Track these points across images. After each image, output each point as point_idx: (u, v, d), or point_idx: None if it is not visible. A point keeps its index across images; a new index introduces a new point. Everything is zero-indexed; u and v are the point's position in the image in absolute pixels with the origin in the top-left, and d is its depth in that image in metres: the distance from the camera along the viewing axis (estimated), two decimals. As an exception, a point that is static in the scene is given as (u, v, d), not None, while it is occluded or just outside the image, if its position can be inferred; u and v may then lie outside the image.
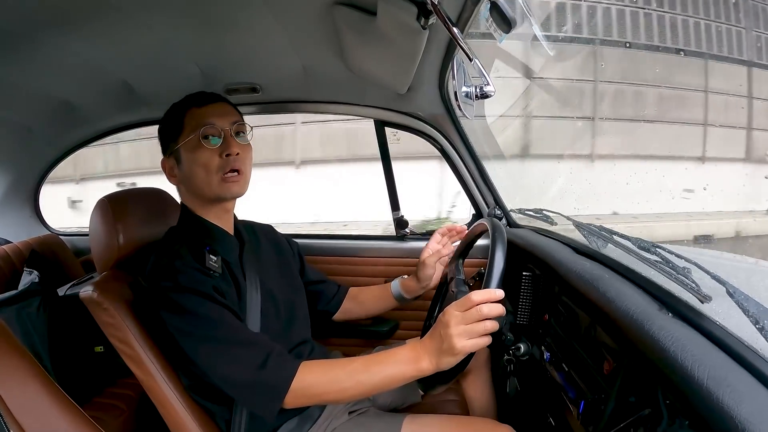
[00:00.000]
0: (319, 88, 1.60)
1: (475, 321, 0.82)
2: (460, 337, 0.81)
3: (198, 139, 0.99)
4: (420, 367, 0.86)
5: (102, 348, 1.59)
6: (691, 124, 4.25)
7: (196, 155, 1.00)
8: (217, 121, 1.01)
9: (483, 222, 1.15)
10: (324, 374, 0.91)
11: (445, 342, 0.83)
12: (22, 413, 0.86)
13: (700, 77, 4.02)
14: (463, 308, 0.83)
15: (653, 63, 4.49)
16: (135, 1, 0.98)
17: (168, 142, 1.05)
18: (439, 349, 0.84)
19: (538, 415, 1.14)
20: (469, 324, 0.82)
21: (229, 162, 1.00)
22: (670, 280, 0.79)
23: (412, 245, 1.82)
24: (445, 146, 1.72)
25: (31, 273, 1.58)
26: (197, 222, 1.06)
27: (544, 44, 0.98)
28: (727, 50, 3.83)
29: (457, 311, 0.83)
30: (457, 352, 0.82)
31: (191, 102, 1.03)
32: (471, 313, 0.82)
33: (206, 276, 0.95)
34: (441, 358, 0.84)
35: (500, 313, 0.82)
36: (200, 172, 1.00)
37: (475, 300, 0.82)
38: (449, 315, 0.84)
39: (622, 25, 4.47)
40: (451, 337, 0.82)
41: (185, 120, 1.02)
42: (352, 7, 0.97)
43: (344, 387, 0.90)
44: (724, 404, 0.52)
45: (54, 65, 1.27)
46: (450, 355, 0.83)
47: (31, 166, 2.00)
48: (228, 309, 0.93)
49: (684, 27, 4.14)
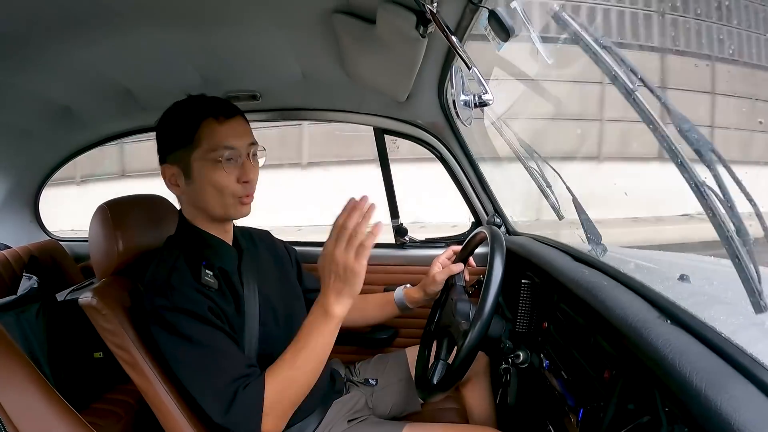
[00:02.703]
0: (318, 95, 1.61)
1: (345, 240, 0.81)
2: (344, 256, 0.81)
3: (216, 160, 0.95)
4: (333, 312, 0.86)
5: (101, 354, 1.59)
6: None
7: (211, 175, 0.95)
8: (236, 143, 0.96)
9: (482, 230, 1.16)
10: (280, 382, 0.88)
11: (334, 274, 0.83)
12: (20, 419, 0.85)
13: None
14: (332, 239, 0.83)
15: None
16: (137, 7, 0.98)
17: (173, 149, 0.98)
18: (334, 286, 0.84)
19: (537, 423, 1.14)
20: (342, 244, 0.81)
21: (245, 188, 0.98)
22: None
23: (411, 253, 1.82)
24: (444, 154, 1.72)
25: (31, 278, 1.58)
26: (196, 233, 1.03)
27: (543, 52, 0.99)
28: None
29: (326, 249, 0.83)
30: (354, 266, 0.81)
31: (207, 112, 0.96)
32: (340, 238, 0.81)
33: (202, 295, 0.93)
34: (342, 287, 0.84)
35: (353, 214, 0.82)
36: (213, 193, 0.97)
37: (338, 224, 0.82)
38: (323, 257, 0.84)
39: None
40: (337, 265, 0.82)
41: (201, 133, 0.95)
42: (351, 15, 0.97)
43: (301, 380, 0.89)
44: (723, 411, 0.52)
45: (55, 70, 1.28)
46: (349, 276, 0.82)
47: (30, 171, 2.01)
48: (222, 331, 0.91)
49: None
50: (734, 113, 4.80)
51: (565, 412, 0.95)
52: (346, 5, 0.96)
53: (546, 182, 1.39)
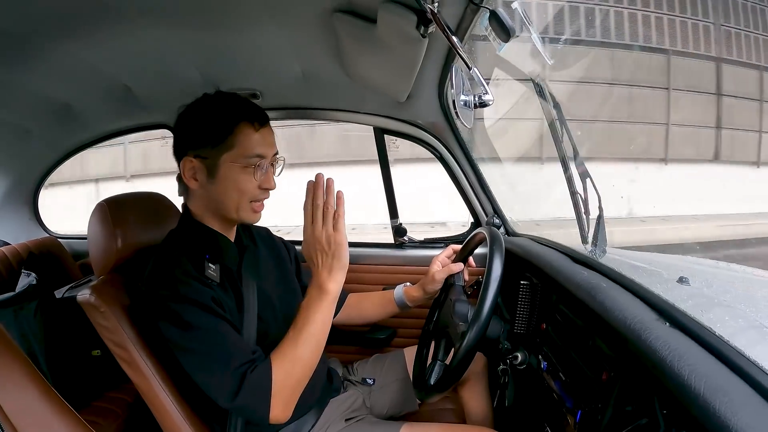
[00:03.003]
0: (319, 95, 1.61)
1: (320, 217, 0.89)
2: (323, 231, 0.89)
3: (246, 166, 0.97)
4: (327, 287, 0.92)
5: (99, 352, 1.58)
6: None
7: (238, 179, 0.98)
8: (266, 152, 0.99)
9: (481, 231, 1.16)
10: (286, 362, 0.91)
11: (320, 253, 0.90)
12: (18, 417, 0.86)
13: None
14: (308, 222, 0.91)
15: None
16: (137, 5, 0.98)
17: (201, 145, 0.98)
18: (324, 263, 0.91)
19: (535, 424, 1.14)
20: (319, 222, 0.89)
21: (263, 195, 1.02)
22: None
23: (410, 253, 1.82)
24: (444, 154, 1.72)
25: (29, 275, 1.58)
26: (200, 229, 1.03)
27: (544, 52, 0.99)
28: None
29: (305, 235, 0.91)
30: (336, 237, 0.89)
31: (244, 115, 0.98)
32: (315, 218, 0.90)
33: (205, 286, 0.94)
34: (331, 262, 0.90)
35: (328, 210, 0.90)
36: (234, 196, 0.99)
37: (307, 207, 0.91)
38: (305, 243, 0.92)
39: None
40: (320, 243, 0.89)
41: (237, 136, 0.96)
42: (352, 15, 0.97)
43: (305, 358, 0.92)
44: (721, 414, 0.52)
45: (55, 68, 1.27)
46: (335, 249, 0.89)
47: (30, 169, 2.00)
48: (225, 321, 0.92)
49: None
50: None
51: (563, 413, 0.95)
52: (346, 5, 0.95)
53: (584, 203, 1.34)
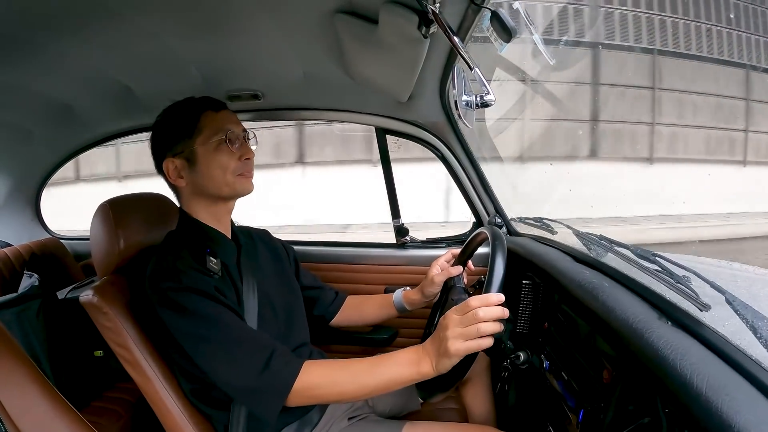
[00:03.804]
0: (320, 95, 1.61)
1: (471, 324, 0.83)
2: (456, 340, 0.83)
3: (220, 142, 1.03)
4: (420, 370, 0.88)
5: (101, 352, 1.59)
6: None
7: (216, 156, 1.03)
8: (234, 127, 1.05)
9: (483, 230, 1.16)
10: (326, 375, 0.92)
11: (442, 344, 0.84)
12: (20, 417, 0.86)
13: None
14: (462, 312, 0.85)
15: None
16: (137, 6, 0.98)
17: (175, 142, 1.04)
18: (438, 352, 0.86)
19: (537, 424, 1.14)
20: (465, 327, 0.83)
21: (246, 165, 1.06)
22: (669, 288, 0.80)
23: (411, 253, 1.82)
24: (446, 154, 1.72)
25: (32, 276, 1.58)
26: (197, 226, 1.07)
27: (545, 52, 0.99)
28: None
29: (456, 315, 0.85)
30: (452, 354, 0.83)
31: (205, 105, 1.06)
32: (467, 317, 0.83)
33: (207, 276, 0.97)
34: (439, 360, 0.85)
35: (497, 315, 0.83)
36: (219, 173, 1.04)
37: (473, 305, 0.84)
38: (448, 319, 0.86)
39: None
40: (447, 340, 0.83)
41: (202, 123, 1.03)
42: (353, 15, 0.97)
43: (346, 389, 0.91)
44: (723, 413, 0.52)
45: (56, 69, 1.28)
46: (446, 357, 0.84)
47: (32, 170, 2.01)
48: (230, 308, 0.94)
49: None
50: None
51: (565, 413, 0.95)
52: (348, 5, 0.95)
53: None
